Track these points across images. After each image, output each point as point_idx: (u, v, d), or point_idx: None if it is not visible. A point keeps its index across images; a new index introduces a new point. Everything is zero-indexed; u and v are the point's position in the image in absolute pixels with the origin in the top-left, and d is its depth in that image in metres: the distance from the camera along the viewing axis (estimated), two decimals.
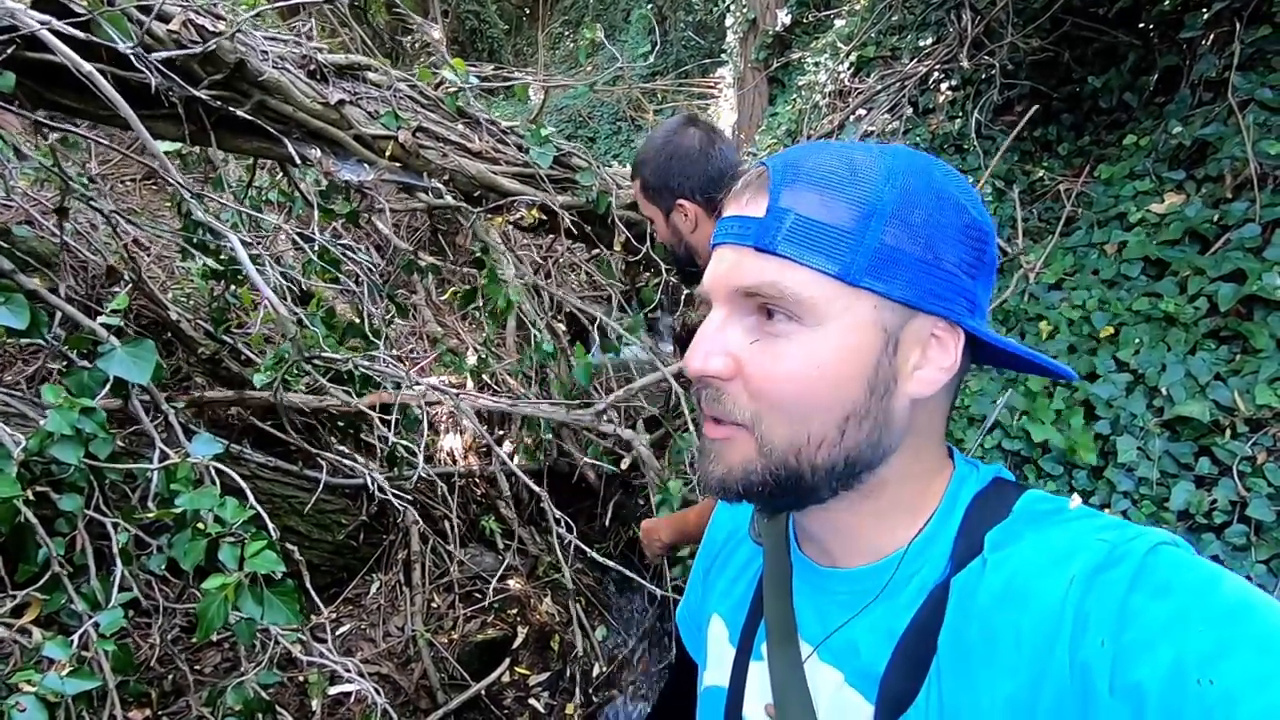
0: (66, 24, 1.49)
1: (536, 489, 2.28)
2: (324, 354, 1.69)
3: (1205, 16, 2.85)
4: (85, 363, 1.55)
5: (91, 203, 1.87)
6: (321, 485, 2.40)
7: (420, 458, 1.89)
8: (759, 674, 0.66)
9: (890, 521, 0.58)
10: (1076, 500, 0.57)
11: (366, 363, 1.84)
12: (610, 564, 2.40)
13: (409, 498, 2.46)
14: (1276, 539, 1.81)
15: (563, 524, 2.32)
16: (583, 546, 2.31)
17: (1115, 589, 0.45)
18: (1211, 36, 2.88)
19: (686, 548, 2.10)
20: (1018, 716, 0.47)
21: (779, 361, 0.52)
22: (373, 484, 1.90)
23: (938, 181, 0.54)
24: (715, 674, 0.73)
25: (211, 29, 1.85)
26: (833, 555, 0.62)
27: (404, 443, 1.96)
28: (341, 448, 2.77)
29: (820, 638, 0.61)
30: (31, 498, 1.26)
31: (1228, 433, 2.02)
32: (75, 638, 1.21)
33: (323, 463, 2.58)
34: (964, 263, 0.53)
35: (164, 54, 1.66)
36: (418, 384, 2.02)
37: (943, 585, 0.55)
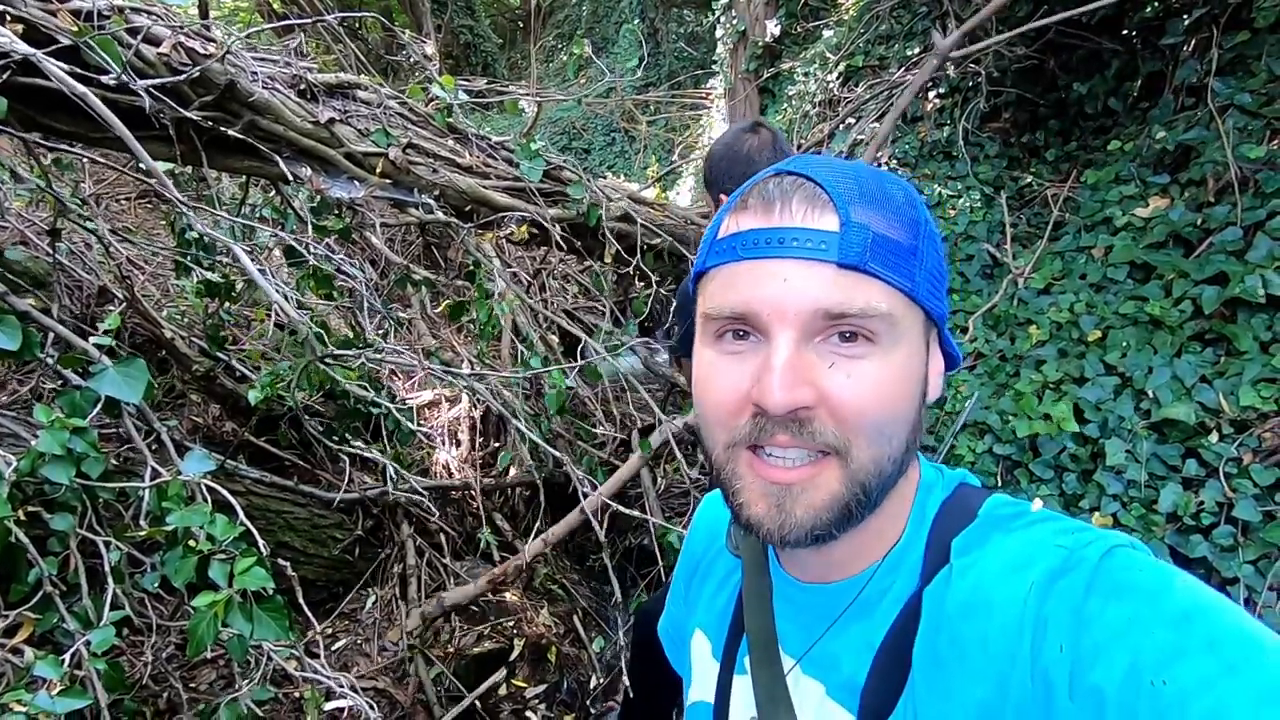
0: (55, 51, 1.51)
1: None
2: (335, 352, 1.72)
3: (1186, 23, 2.89)
4: (79, 379, 1.56)
5: (85, 224, 1.89)
6: (304, 498, 2.41)
7: (412, 476, 1.89)
8: (743, 688, 0.67)
9: (875, 534, 0.59)
10: (1039, 504, 0.59)
11: (377, 355, 1.87)
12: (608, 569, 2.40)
13: (421, 495, 2.48)
14: (1263, 539, 1.82)
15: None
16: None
17: (1072, 594, 0.47)
18: (1192, 42, 2.92)
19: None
20: None
21: (865, 384, 0.50)
22: (390, 482, 1.92)
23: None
24: (700, 689, 0.73)
25: (202, 51, 1.88)
26: (813, 571, 0.63)
27: (390, 464, 1.98)
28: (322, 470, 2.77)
29: (802, 651, 0.62)
30: (23, 518, 1.27)
31: (1214, 434, 2.04)
32: (67, 656, 1.22)
33: (316, 479, 2.59)
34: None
35: (154, 80, 1.68)
36: (433, 369, 2.05)
37: (916, 596, 0.56)
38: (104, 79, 1.56)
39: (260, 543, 1.34)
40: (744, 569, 0.69)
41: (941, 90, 3.84)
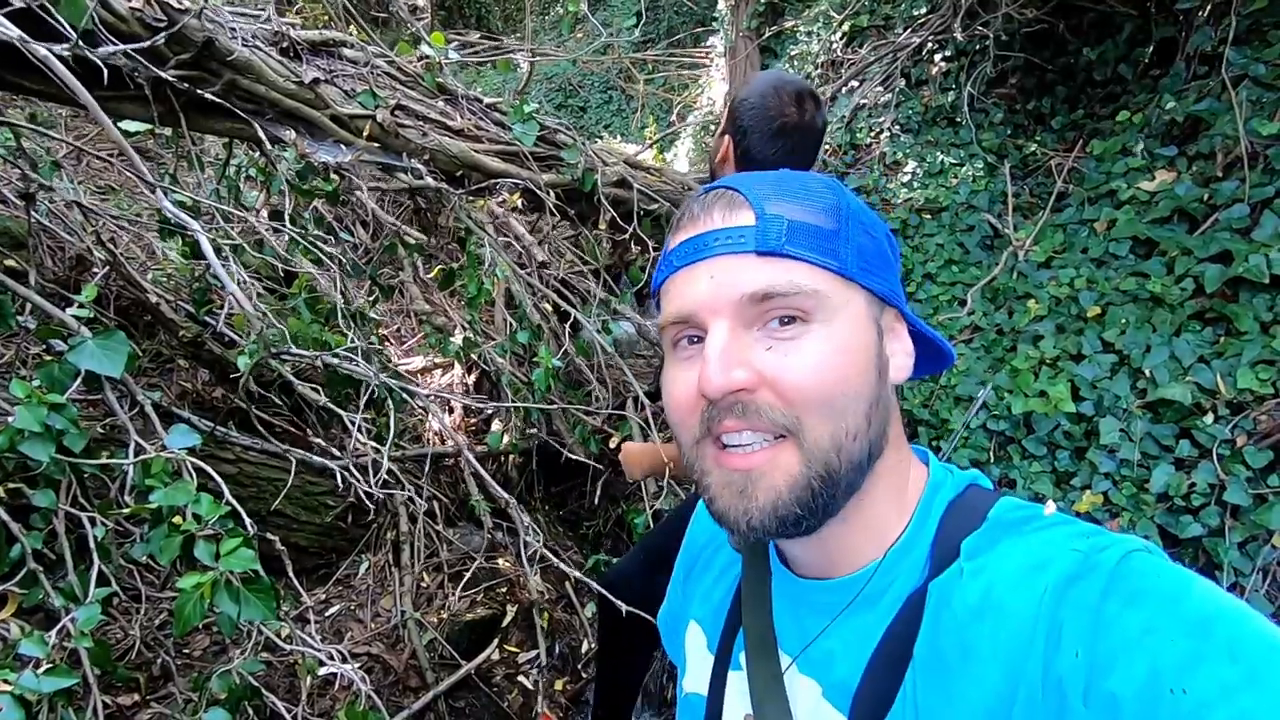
0: (13, 10, 1.43)
1: (505, 483, 2.27)
2: (292, 350, 1.66)
3: None
4: (61, 346, 1.52)
5: (55, 192, 1.82)
6: (297, 466, 2.39)
7: (385, 456, 1.86)
8: (738, 683, 0.66)
9: (871, 529, 0.58)
10: (1051, 507, 0.57)
11: (334, 360, 1.80)
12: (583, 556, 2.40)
13: (389, 480, 2.45)
14: (1253, 522, 1.82)
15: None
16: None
17: (1088, 599, 0.46)
18: (1208, 8, 2.82)
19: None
20: None
21: (807, 359, 0.51)
22: (342, 483, 1.88)
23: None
24: (694, 681, 0.73)
25: (177, 5, 1.79)
26: (813, 567, 0.62)
27: (373, 444, 1.94)
28: (318, 441, 2.75)
29: (799, 649, 0.61)
30: (3, 495, 1.25)
31: (1209, 416, 2.03)
32: (53, 633, 1.21)
33: (308, 445, 2.57)
34: (895, 258, 0.60)
35: (127, 46, 1.60)
36: (394, 386, 1.98)
37: (919, 591, 0.55)
38: (62, 46, 1.48)
39: (247, 522, 1.32)
40: (743, 563, 0.68)
41: (948, 53, 3.73)
